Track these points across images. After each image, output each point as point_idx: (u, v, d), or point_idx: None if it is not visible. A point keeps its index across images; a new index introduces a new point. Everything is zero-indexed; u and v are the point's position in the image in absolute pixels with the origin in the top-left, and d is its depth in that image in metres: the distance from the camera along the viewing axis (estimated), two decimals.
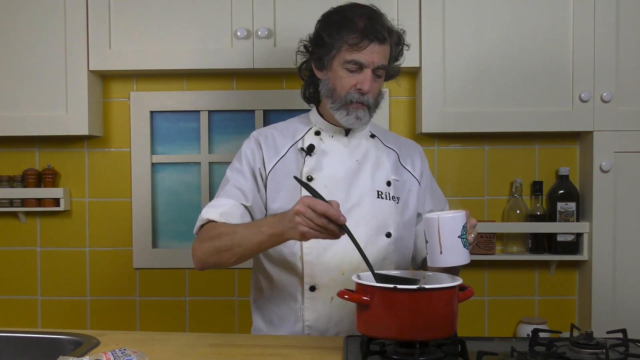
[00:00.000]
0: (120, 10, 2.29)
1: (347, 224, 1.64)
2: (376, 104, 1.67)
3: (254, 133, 1.76)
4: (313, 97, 1.76)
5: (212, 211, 1.62)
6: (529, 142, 2.47)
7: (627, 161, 2.26)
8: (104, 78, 2.49)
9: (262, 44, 2.25)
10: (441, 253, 1.37)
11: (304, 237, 1.41)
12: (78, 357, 1.30)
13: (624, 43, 2.24)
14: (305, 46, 1.73)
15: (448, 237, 1.37)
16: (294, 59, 1.76)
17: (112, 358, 1.26)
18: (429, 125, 2.26)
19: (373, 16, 1.62)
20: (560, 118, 2.24)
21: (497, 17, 2.25)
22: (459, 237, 1.37)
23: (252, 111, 2.50)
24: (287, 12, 2.26)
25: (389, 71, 1.69)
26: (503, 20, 2.25)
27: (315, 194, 1.43)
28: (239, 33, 2.23)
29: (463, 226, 1.38)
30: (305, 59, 1.74)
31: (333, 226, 1.38)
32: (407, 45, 1.72)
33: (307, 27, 2.22)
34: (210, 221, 1.62)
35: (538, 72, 2.24)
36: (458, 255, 1.38)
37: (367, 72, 1.61)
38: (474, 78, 2.25)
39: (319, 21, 1.69)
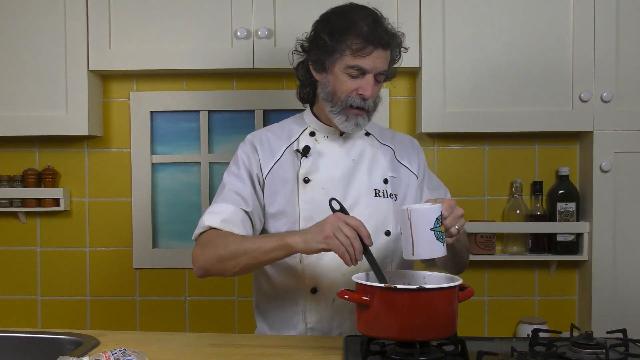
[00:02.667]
0: (120, 10, 2.29)
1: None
2: (374, 108, 1.65)
3: (249, 137, 1.74)
4: (309, 97, 1.75)
5: (213, 218, 1.60)
6: (529, 142, 2.47)
7: (627, 161, 2.26)
8: (104, 78, 2.49)
9: (262, 44, 2.25)
10: (413, 245, 1.36)
11: (326, 240, 1.40)
12: (78, 357, 1.30)
13: (624, 43, 2.24)
14: (302, 46, 1.70)
15: (420, 229, 1.35)
16: (290, 58, 1.73)
17: (112, 358, 1.26)
18: (429, 125, 2.26)
19: (377, 20, 1.59)
20: (560, 118, 2.24)
21: (497, 17, 2.25)
22: (431, 229, 1.35)
23: (252, 111, 2.50)
24: (287, 12, 2.26)
25: (387, 74, 1.67)
26: (503, 20, 2.25)
27: (346, 212, 1.47)
28: (239, 33, 2.23)
29: (437, 218, 1.35)
30: (302, 59, 1.72)
31: (358, 243, 1.39)
32: (404, 48, 1.69)
33: (307, 27, 2.22)
34: (211, 228, 1.61)
35: (538, 72, 2.24)
36: (430, 248, 1.36)
37: (369, 78, 1.59)
38: (474, 78, 2.25)
39: (318, 22, 1.66)
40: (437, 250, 1.36)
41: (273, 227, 1.67)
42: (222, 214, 1.60)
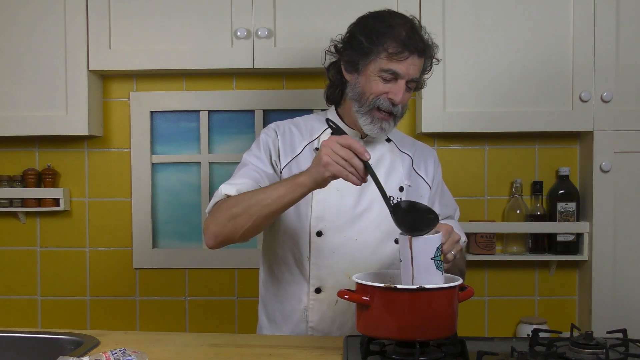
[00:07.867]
0: (120, 10, 2.29)
1: (356, 228, 1.64)
2: (402, 114, 1.65)
3: (272, 125, 1.74)
4: (335, 97, 1.73)
5: (230, 188, 1.58)
6: (529, 142, 2.47)
7: (627, 161, 2.26)
8: (104, 78, 2.49)
9: (262, 44, 2.25)
10: (413, 274, 1.34)
11: (327, 168, 1.39)
12: (78, 357, 1.30)
13: (624, 43, 2.24)
14: (335, 47, 1.69)
15: (420, 258, 1.34)
16: (322, 58, 1.72)
17: (112, 358, 1.26)
18: (429, 125, 2.26)
19: (415, 27, 1.60)
20: (560, 118, 2.24)
21: (497, 17, 2.25)
22: (431, 259, 1.34)
23: (252, 111, 2.50)
24: (287, 12, 2.26)
25: (418, 82, 1.66)
26: (503, 21, 2.25)
27: (341, 132, 1.45)
28: (239, 33, 2.23)
29: (437, 248, 1.34)
30: (334, 59, 1.71)
31: (357, 161, 1.38)
32: (436, 60, 1.68)
33: (308, 27, 2.24)
34: (227, 198, 1.58)
35: (538, 72, 2.24)
36: (429, 277, 1.34)
37: (401, 83, 1.59)
38: (474, 78, 2.25)
39: (354, 24, 1.65)
40: (436, 279, 1.35)
41: (283, 222, 1.68)
42: (240, 186, 1.58)
